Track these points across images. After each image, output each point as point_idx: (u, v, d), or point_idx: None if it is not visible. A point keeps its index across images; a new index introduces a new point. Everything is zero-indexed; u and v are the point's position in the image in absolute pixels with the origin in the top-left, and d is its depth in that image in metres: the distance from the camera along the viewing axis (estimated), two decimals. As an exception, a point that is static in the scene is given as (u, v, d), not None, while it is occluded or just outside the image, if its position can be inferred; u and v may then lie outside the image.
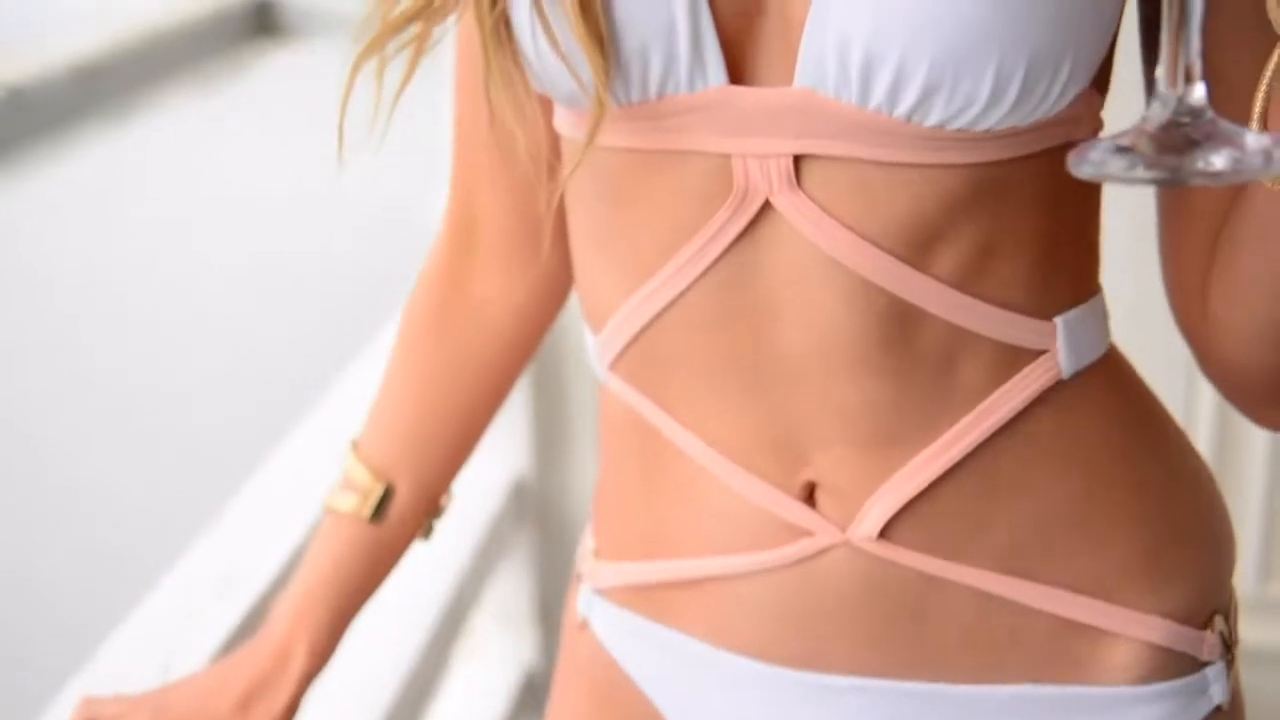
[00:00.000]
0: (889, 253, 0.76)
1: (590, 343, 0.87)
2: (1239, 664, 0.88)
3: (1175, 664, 0.83)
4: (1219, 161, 0.58)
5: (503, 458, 1.93)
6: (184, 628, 1.19)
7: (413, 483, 0.97)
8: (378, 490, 0.96)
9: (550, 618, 1.98)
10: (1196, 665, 0.84)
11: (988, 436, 0.79)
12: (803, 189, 0.75)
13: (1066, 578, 0.81)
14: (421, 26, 0.78)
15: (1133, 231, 1.00)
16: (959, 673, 0.83)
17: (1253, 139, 0.59)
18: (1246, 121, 0.69)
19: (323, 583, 0.96)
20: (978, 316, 0.78)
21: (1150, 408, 0.86)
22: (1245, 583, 2.10)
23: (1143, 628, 0.82)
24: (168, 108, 6.55)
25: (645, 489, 0.87)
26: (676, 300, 0.79)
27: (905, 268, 0.76)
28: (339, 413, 1.57)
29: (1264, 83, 0.71)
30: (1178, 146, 0.59)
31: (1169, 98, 0.60)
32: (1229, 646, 0.86)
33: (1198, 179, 0.59)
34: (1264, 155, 0.59)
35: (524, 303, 0.97)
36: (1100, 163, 0.60)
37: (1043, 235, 0.78)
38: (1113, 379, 0.83)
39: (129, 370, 4.03)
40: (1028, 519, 0.81)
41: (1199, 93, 0.60)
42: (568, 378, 1.97)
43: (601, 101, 0.74)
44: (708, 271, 0.78)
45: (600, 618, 0.92)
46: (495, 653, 1.96)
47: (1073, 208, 0.80)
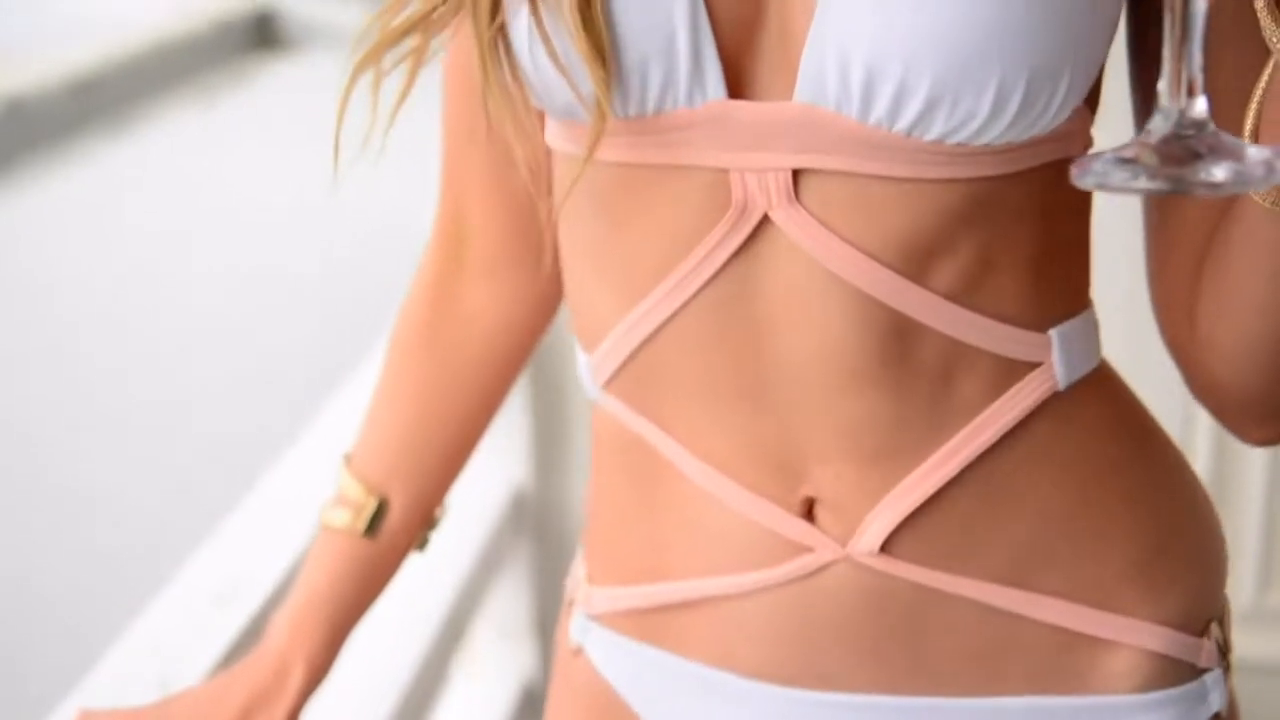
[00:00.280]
0: (888, 267, 0.76)
1: (582, 361, 0.87)
2: (1236, 673, 0.88)
3: (1175, 672, 0.83)
4: (1220, 173, 0.59)
5: (501, 469, 1.93)
6: (183, 640, 1.19)
7: (407, 496, 0.97)
8: (371, 505, 0.96)
9: (549, 630, 1.98)
10: (1195, 672, 0.84)
11: (986, 449, 0.79)
12: (801, 203, 0.75)
13: (1065, 587, 0.81)
14: (419, 38, 0.77)
15: (1130, 249, 1.01)
16: (959, 686, 0.83)
17: (1254, 151, 0.60)
18: (1235, 135, 0.69)
19: (319, 598, 0.96)
20: (975, 330, 0.78)
21: (1142, 419, 0.86)
22: (1243, 594, 2.09)
23: (1142, 635, 0.82)
24: (167, 119, 6.56)
25: (640, 510, 0.86)
26: (674, 317, 0.79)
27: (904, 282, 0.76)
28: (339, 423, 1.56)
29: (1255, 98, 0.72)
30: (1180, 158, 0.60)
31: (1171, 110, 0.61)
32: (1224, 653, 0.86)
33: (1200, 189, 0.60)
34: (1265, 166, 0.59)
35: (515, 314, 0.97)
36: (1103, 174, 0.60)
37: (1037, 249, 0.79)
38: (1105, 391, 0.83)
39: (128, 381, 4.03)
40: (1026, 530, 0.81)
41: (1200, 106, 0.60)
42: (567, 389, 1.97)
43: (603, 115, 0.73)
44: (705, 287, 0.78)
45: (595, 643, 0.92)
46: (494, 665, 1.96)
47: (1065, 222, 0.80)
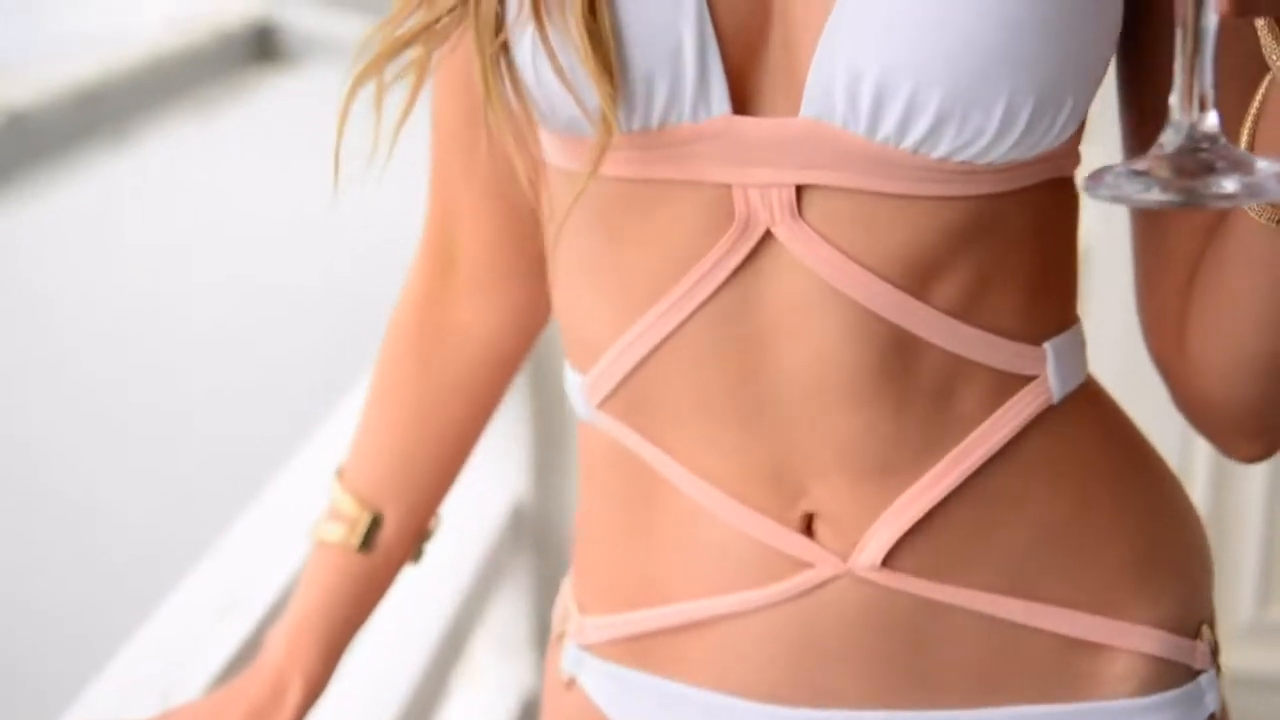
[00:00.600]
0: (889, 282, 0.76)
1: (574, 381, 0.86)
2: (1237, 686, 0.89)
3: (1172, 674, 0.84)
4: (1231, 185, 0.60)
5: (501, 482, 1.93)
6: (185, 651, 1.19)
7: (400, 509, 0.97)
8: (365, 519, 0.96)
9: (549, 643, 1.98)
10: (1191, 674, 0.85)
11: (984, 461, 0.80)
12: (804, 219, 0.75)
13: (1063, 595, 0.82)
14: (421, 50, 0.77)
15: (1129, 269, 1.01)
16: (960, 697, 0.83)
17: (1264, 163, 0.61)
18: None
19: (314, 614, 0.95)
20: (974, 345, 0.78)
21: (1128, 430, 0.87)
22: (1243, 608, 2.10)
23: (1139, 639, 0.83)
24: (168, 132, 6.57)
25: (634, 533, 0.86)
26: (673, 333, 0.79)
27: (905, 297, 0.76)
28: (341, 434, 1.57)
29: (1251, 115, 0.72)
30: (1192, 171, 0.61)
31: (1182, 124, 0.61)
32: (1214, 655, 0.87)
33: (1212, 202, 0.61)
34: (1276, 179, 0.60)
35: (505, 327, 0.96)
36: (1116, 186, 0.61)
37: (1033, 264, 0.80)
38: (1094, 403, 0.84)
39: (129, 392, 4.03)
40: (1023, 540, 0.81)
41: (1212, 119, 0.61)
42: (566, 402, 1.97)
43: (610, 129, 0.73)
44: (707, 303, 0.78)
45: (589, 674, 0.91)
46: (494, 678, 1.96)
47: (1058, 239, 0.81)
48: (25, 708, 2.66)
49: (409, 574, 1.00)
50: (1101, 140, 0.86)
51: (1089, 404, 0.84)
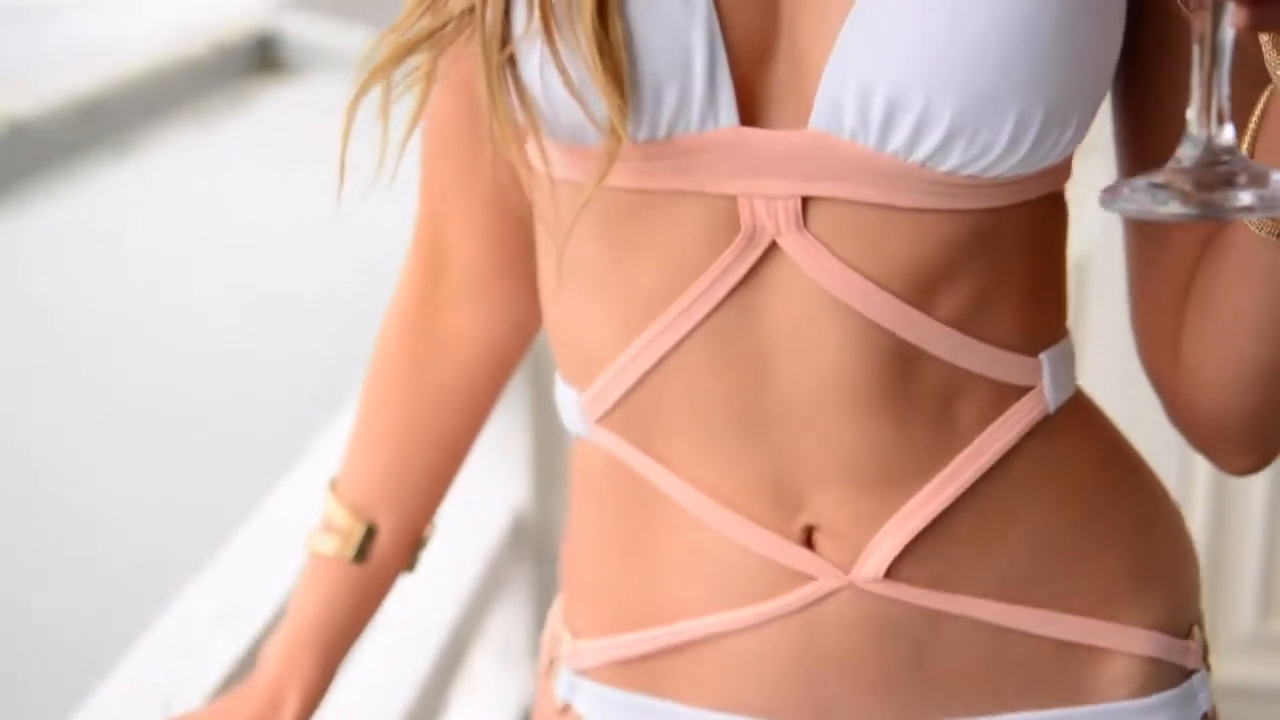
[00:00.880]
0: (893, 294, 0.76)
1: (569, 397, 0.85)
2: (1237, 698, 0.90)
3: (1166, 675, 0.85)
4: (1248, 198, 0.60)
5: (502, 492, 1.93)
6: (186, 660, 1.19)
7: (394, 520, 0.96)
8: (359, 531, 0.95)
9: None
10: (1185, 674, 0.86)
11: (984, 471, 0.80)
12: (809, 230, 0.76)
13: (1060, 600, 0.83)
14: (428, 59, 0.76)
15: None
16: (962, 706, 0.83)
17: (1278, 176, 0.61)
18: None
19: (310, 626, 0.95)
20: (975, 356, 0.79)
21: (1116, 438, 0.88)
22: (1244, 620, 2.09)
23: (1134, 641, 0.84)
24: (169, 142, 6.58)
25: (633, 552, 0.85)
26: (677, 346, 0.79)
27: (909, 309, 0.77)
28: (341, 445, 1.57)
29: (1250, 128, 0.73)
30: (1211, 184, 0.61)
31: (1200, 137, 0.62)
32: (1205, 655, 0.88)
33: (1231, 215, 0.61)
34: None
35: (497, 335, 0.96)
36: (1133, 199, 0.62)
37: (1030, 277, 0.80)
38: (1085, 413, 0.85)
39: (129, 402, 4.03)
40: (1022, 548, 0.82)
41: (1229, 133, 0.62)
42: (567, 412, 1.96)
43: (619, 139, 0.73)
44: (711, 315, 0.77)
45: (586, 699, 0.89)
46: (494, 688, 1.96)
47: (1052, 252, 0.82)
48: (27, 716, 2.66)
49: (409, 583, 1.00)
50: (1102, 153, 0.86)
51: (1080, 413, 0.84)
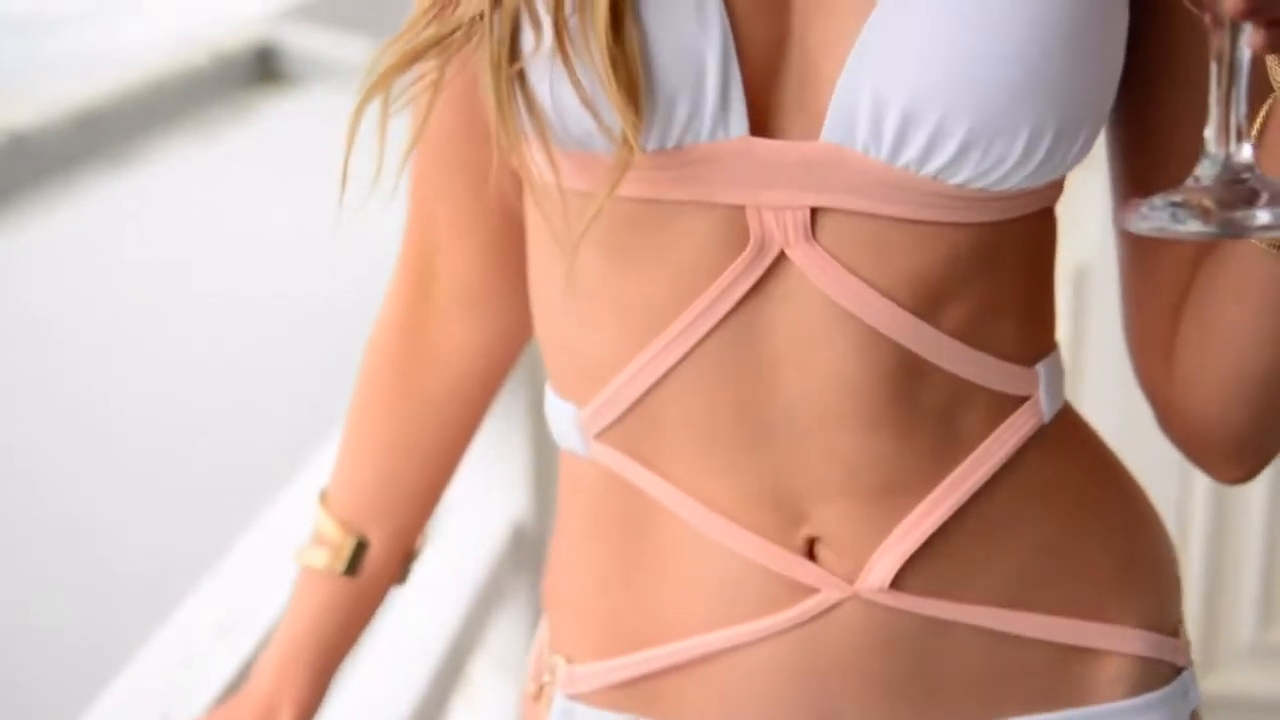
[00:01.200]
0: (900, 306, 0.77)
1: (565, 412, 0.84)
2: (1237, 709, 0.91)
3: (1159, 673, 0.86)
4: (1267, 216, 0.61)
5: (502, 503, 1.93)
6: (185, 671, 1.18)
7: (385, 532, 0.96)
8: (349, 544, 0.95)
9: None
10: (1175, 671, 0.87)
11: (985, 481, 0.81)
12: (817, 241, 0.76)
13: (1058, 604, 0.83)
14: (434, 66, 0.76)
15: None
16: (964, 713, 0.84)
17: None
18: None
19: (302, 640, 0.95)
20: (977, 367, 0.80)
21: (1100, 446, 0.89)
22: (1244, 630, 2.09)
23: (1128, 641, 0.85)
24: (169, 153, 6.58)
25: (631, 570, 0.84)
26: (683, 359, 0.78)
27: (915, 320, 0.77)
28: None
29: (1251, 136, 0.73)
30: (1230, 202, 0.62)
31: (1218, 156, 0.63)
32: (1188, 653, 0.90)
33: (1251, 233, 0.62)
34: None
35: (486, 347, 0.95)
36: (1154, 218, 0.62)
37: (1028, 289, 0.82)
38: (1073, 422, 0.87)
39: (129, 413, 4.03)
40: (1020, 554, 0.83)
41: (1247, 151, 0.63)
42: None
43: (632, 150, 0.72)
44: (719, 326, 0.77)
45: None
46: (493, 699, 1.95)
47: (1045, 264, 0.83)
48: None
49: (409, 594, 1.00)
50: (1100, 168, 0.86)
51: (1069, 422, 0.86)
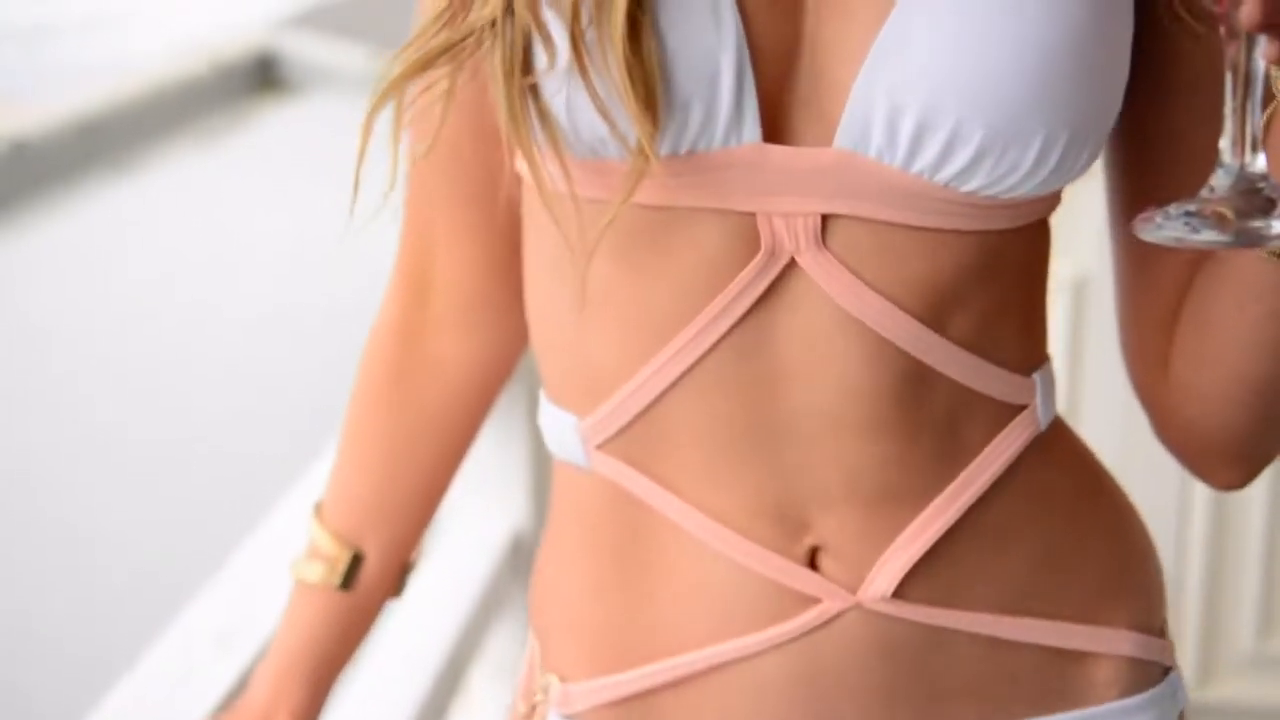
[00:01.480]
0: (909, 313, 0.77)
1: (566, 423, 0.84)
2: (1238, 717, 0.92)
3: (1149, 673, 0.87)
4: (1278, 225, 0.62)
5: (501, 512, 1.93)
6: (183, 683, 1.18)
7: (380, 545, 0.95)
8: (345, 557, 0.94)
9: None
10: (1164, 671, 0.88)
11: (985, 489, 0.81)
12: (827, 248, 0.76)
13: (1052, 609, 0.84)
14: (445, 73, 0.75)
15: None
16: (966, 719, 0.84)
17: None
18: None
19: (298, 654, 0.95)
20: (981, 376, 0.80)
21: (1087, 453, 0.90)
22: (1243, 640, 2.09)
23: (1120, 643, 0.85)
24: (170, 161, 6.58)
25: (631, 585, 0.83)
26: (693, 367, 0.78)
27: (923, 329, 0.77)
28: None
29: None
30: (1245, 212, 0.62)
31: (1233, 166, 0.63)
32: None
33: (1267, 242, 0.62)
34: None
35: (482, 357, 0.94)
36: (1169, 227, 0.63)
37: (1028, 298, 0.82)
38: (1063, 430, 0.87)
39: (129, 421, 4.03)
40: (1017, 561, 0.83)
41: (1262, 161, 0.63)
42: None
43: (647, 159, 0.72)
44: (728, 334, 0.77)
45: None
46: (493, 707, 1.95)
47: (1041, 276, 0.84)
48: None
49: (408, 603, 1.00)
50: (1100, 177, 0.87)
51: (1059, 431, 0.86)
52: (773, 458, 0.79)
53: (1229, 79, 0.63)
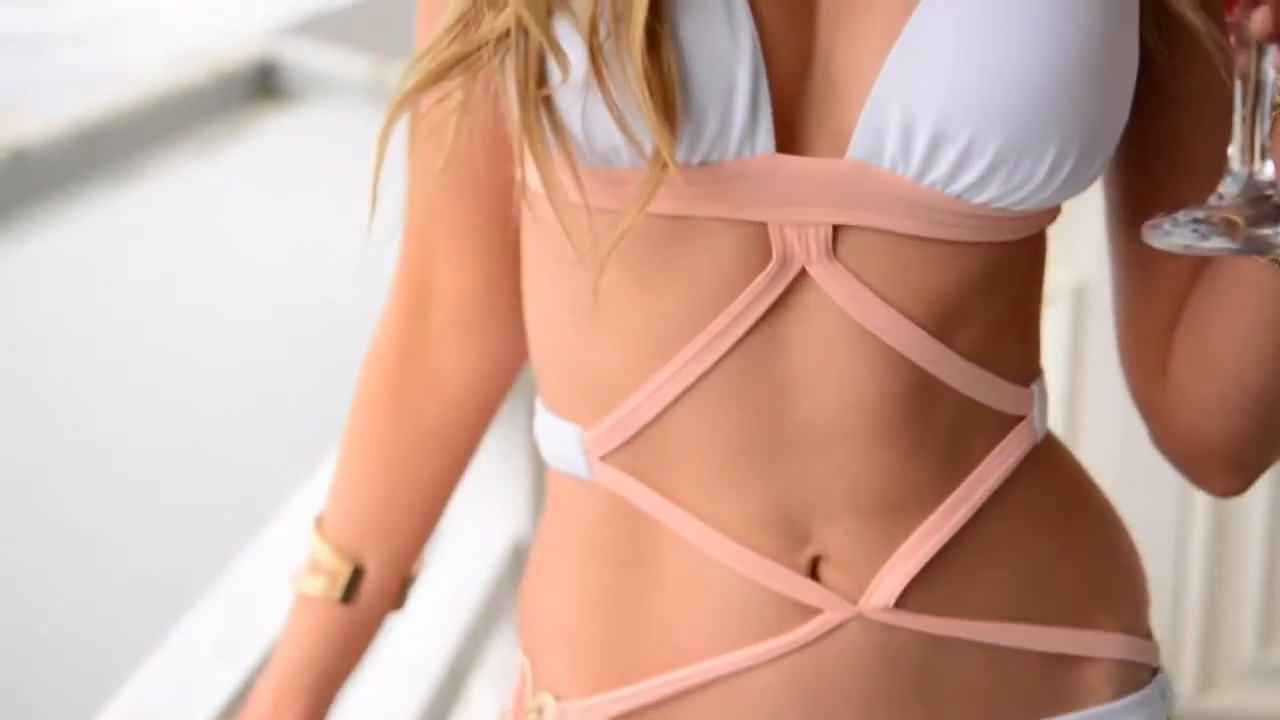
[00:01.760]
0: (918, 325, 0.77)
1: (569, 434, 0.83)
2: None
3: (1138, 675, 0.88)
4: None
5: (502, 520, 1.93)
6: (183, 693, 1.18)
7: (381, 558, 0.94)
8: (346, 571, 0.93)
9: None
10: (1152, 672, 0.88)
11: (985, 499, 0.82)
12: (838, 258, 0.76)
13: (1049, 615, 0.84)
14: (460, 85, 0.75)
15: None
16: None
17: None
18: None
19: (299, 667, 0.94)
20: (985, 388, 0.80)
21: (1074, 462, 0.90)
22: (1244, 649, 2.09)
23: (1111, 646, 0.86)
24: (170, 169, 6.59)
25: (630, 599, 0.83)
26: (703, 377, 0.78)
27: (931, 340, 0.77)
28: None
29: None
30: (1254, 219, 0.63)
31: (1241, 174, 0.64)
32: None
33: (1276, 249, 0.63)
34: None
35: (483, 369, 0.93)
36: (1178, 234, 0.64)
37: (1028, 310, 0.83)
38: (1054, 442, 0.88)
39: (130, 429, 4.03)
40: (1015, 569, 0.83)
41: (1270, 169, 0.63)
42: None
43: (665, 167, 0.71)
44: (738, 345, 0.77)
45: None
46: (493, 716, 1.95)
47: (1039, 287, 0.84)
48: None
49: (409, 611, 0.99)
50: (1097, 187, 0.87)
51: (1052, 443, 0.87)
52: (777, 468, 0.79)
53: (1238, 87, 0.64)
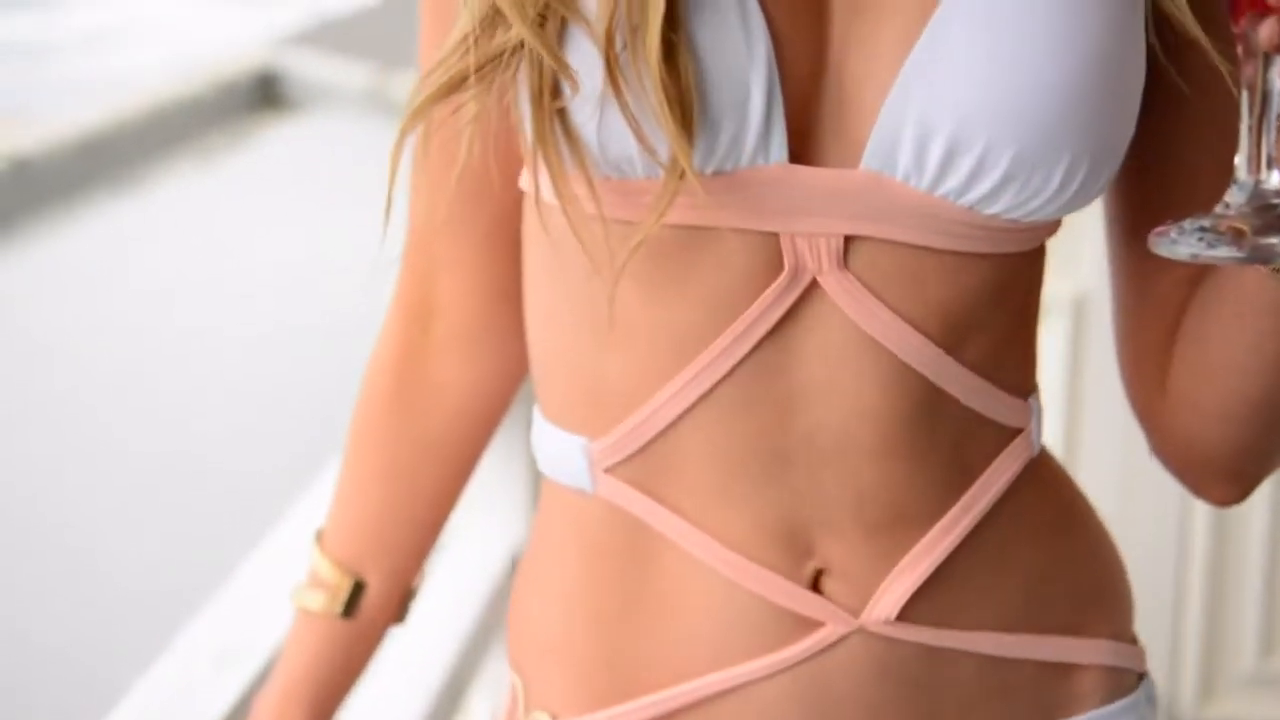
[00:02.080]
0: (927, 337, 0.77)
1: (573, 446, 0.82)
2: None
3: (1125, 680, 0.88)
4: None
5: (501, 533, 1.92)
6: (182, 704, 1.18)
7: (382, 573, 0.93)
8: (346, 585, 0.93)
9: None
10: (1138, 678, 0.89)
11: (986, 512, 0.81)
12: (849, 269, 0.76)
13: (1044, 625, 0.84)
14: (472, 96, 0.74)
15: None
16: None
17: None
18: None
19: (300, 682, 0.93)
20: (989, 400, 0.80)
21: (1066, 475, 0.90)
22: (1245, 658, 2.09)
23: (1099, 652, 0.86)
24: (171, 178, 6.60)
25: (631, 614, 0.82)
26: (714, 388, 0.77)
27: (940, 352, 0.77)
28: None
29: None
30: (1260, 228, 0.63)
31: (1247, 183, 0.64)
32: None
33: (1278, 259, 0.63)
34: None
35: (485, 382, 0.93)
36: (1184, 243, 0.63)
37: (1029, 322, 0.83)
38: (1046, 454, 0.88)
39: (131, 439, 4.03)
40: (1014, 580, 0.83)
41: (1276, 178, 0.64)
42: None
43: (682, 176, 0.71)
44: (749, 355, 0.76)
45: None
46: (493, 727, 1.95)
47: (1038, 297, 0.84)
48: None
49: (411, 622, 0.99)
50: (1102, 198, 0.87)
51: (1045, 455, 0.87)
52: (782, 480, 0.79)
53: (1245, 97, 0.64)
